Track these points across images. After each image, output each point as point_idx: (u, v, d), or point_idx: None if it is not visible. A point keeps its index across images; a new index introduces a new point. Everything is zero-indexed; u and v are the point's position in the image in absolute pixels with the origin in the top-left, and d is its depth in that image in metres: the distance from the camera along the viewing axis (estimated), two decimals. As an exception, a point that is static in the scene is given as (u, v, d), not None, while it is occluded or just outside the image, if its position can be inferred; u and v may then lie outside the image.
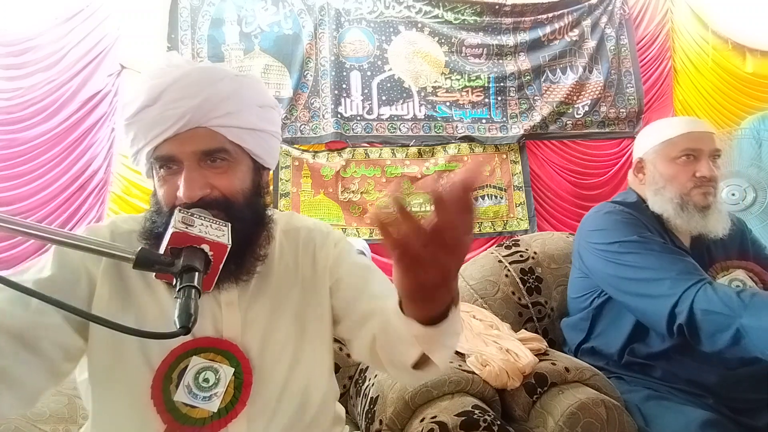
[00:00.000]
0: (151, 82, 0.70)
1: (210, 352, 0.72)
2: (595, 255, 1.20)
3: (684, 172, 1.20)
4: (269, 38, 3.72)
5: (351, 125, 3.78)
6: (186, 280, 0.56)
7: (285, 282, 0.81)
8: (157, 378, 0.69)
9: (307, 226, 0.87)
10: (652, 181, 1.25)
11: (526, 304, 1.45)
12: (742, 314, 0.90)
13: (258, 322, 0.76)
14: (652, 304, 1.04)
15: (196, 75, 0.71)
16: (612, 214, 1.22)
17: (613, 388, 1.07)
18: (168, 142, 0.69)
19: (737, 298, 0.93)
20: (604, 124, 4.18)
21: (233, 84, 0.73)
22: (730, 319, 0.91)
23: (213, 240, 0.60)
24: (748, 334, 0.89)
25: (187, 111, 0.68)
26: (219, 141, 0.71)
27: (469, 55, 4.05)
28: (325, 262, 0.84)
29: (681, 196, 1.20)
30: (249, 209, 0.74)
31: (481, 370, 1.08)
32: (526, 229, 3.88)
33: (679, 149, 1.21)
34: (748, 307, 0.90)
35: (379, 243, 4.00)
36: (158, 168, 0.71)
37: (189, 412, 0.69)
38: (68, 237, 0.55)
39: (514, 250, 1.55)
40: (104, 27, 3.46)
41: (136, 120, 0.70)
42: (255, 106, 0.76)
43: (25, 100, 3.25)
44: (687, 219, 1.19)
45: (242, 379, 0.72)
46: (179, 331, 0.53)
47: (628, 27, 4.31)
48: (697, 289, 0.98)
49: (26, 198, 3.21)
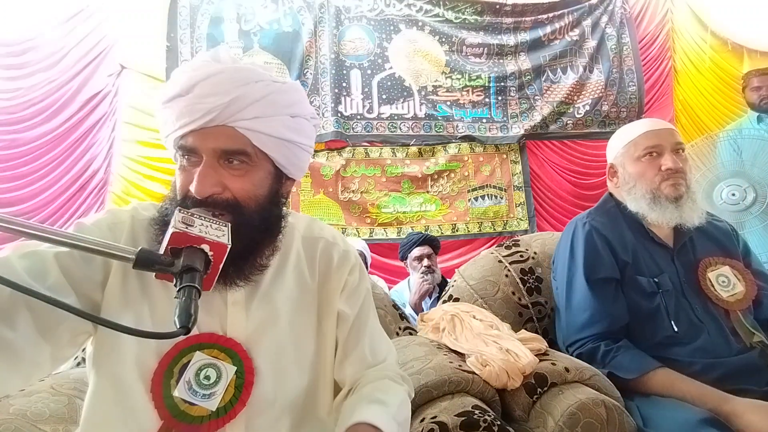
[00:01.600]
0: (190, 72, 0.71)
1: (214, 349, 0.72)
2: (558, 269, 1.36)
3: (650, 168, 1.26)
4: (269, 36, 3.72)
5: (351, 124, 3.78)
6: (186, 280, 0.56)
7: (297, 288, 0.80)
8: (158, 371, 0.69)
9: (326, 238, 0.86)
10: (624, 183, 1.32)
11: (526, 305, 1.45)
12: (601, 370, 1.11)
13: (264, 324, 0.76)
14: (569, 325, 1.26)
15: (231, 74, 0.71)
16: (587, 236, 1.28)
17: (613, 388, 1.07)
18: (193, 134, 0.70)
19: (600, 361, 1.14)
20: (604, 124, 4.18)
21: (267, 89, 0.72)
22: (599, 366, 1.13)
23: (213, 240, 0.60)
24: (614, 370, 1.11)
25: (214, 108, 0.68)
26: (241, 143, 0.70)
27: (470, 54, 4.05)
28: (338, 285, 0.84)
29: (652, 191, 1.26)
30: (259, 216, 0.73)
31: (481, 370, 1.08)
32: (526, 229, 3.89)
33: (641, 148, 1.27)
34: (606, 367, 1.12)
35: (381, 243, 3.99)
36: (181, 156, 0.72)
37: (187, 409, 0.69)
38: (69, 237, 0.55)
39: (514, 250, 1.55)
40: (104, 27, 3.46)
41: (169, 105, 0.71)
42: (286, 115, 0.75)
43: (25, 100, 3.25)
44: (661, 211, 1.24)
45: (243, 379, 0.71)
46: (179, 331, 0.53)
47: (630, 25, 4.31)
48: (585, 341, 1.19)
49: (27, 199, 3.21)
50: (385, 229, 3.75)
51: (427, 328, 1.37)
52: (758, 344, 1.14)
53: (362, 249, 2.81)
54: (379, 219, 3.74)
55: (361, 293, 0.87)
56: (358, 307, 0.85)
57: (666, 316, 1.17)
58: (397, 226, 3.77)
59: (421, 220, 3.79)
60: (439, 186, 3.89)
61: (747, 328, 1.17)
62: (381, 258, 3.59)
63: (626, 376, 1.10)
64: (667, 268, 1.24)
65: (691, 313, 1.18)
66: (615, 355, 1.14)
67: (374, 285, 1.50)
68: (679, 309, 1.18)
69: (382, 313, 1.41)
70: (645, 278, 1.21)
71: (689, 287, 1.22)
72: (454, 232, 3.84)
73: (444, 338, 1.27)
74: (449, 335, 1.26)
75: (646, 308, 1.19)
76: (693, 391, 1.04)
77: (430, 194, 3.86)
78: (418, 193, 3.85)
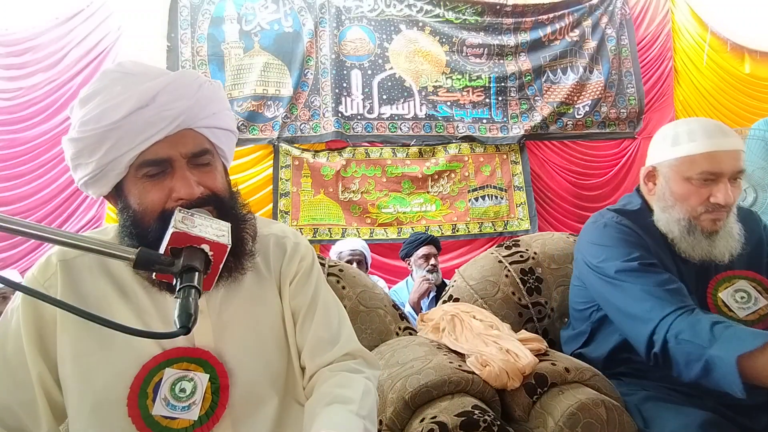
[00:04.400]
0: (136, 87, 0.68)
1: (182, 362, 0.72)
2: (590, 271, 1.17)
3: (697, 195, 1.09)
4: (269, 36, 3.72)
5: (351, 124, 3.78)
6: (186, 280, 0.56)
7: (255, 284, 0.81)
8: (132, 395, 0.69)
9: (275, 233, 0.88)
10: (662, 197, 1.15)
11: (526, 305, 1.45)
12: (712, 345, 0.88)
13: (231, 325, 0.77)
14: (634, 327, 1.04)
15: (185, 78, 0.73)
16: (609, 228, 1.17)
17: (613, 389, 1.07)
18: (157, 144, 0.69)
19: (709, 329, 0.91)
20: (604, 125, 4.18)
21: (211, 87, 0.76)
22: (701, 349, 0.89)
23: (213, 240, 0.60)
24: (717, 367, 0.87)
25: (182, 112, 0.70)
26: (203, 142, 0.74)
27: (470, 54, 4.05)
28: (290, 275, 0.85)
29: (689, 219, 1.11)
30: (234, 207, 0.77)
31: (481, 371, 1.07)
32: (526, 230, 3.88)
33: (697, 170, 1.08)
34: (719, 340, 0.88)
35: (381, 243, 4.00)
36: (140, 176, 0.70)
37: (170, 424, 0.69)
38: (68, 237, 0.55)
39: (515, 250, 1.55)
40: (105, 27, 3.46)
41: (124, 123, 0.67)
42: (227, 109, 0.80)
43: (25, 100, 3.26)
44: (692, 244, 1.11)
45: (219, 383, 0.72)
46: (179, 330, 0.53)
47: (629, 27, 4.31)
48: (676, 316, 0.96)
49: (26, 198, 3.21)
50: (386, 230, 3.75)
51: (427, 328, 1.37)
52: None
53: (362, 249, 2.81)
54: (380, 219, 3.74)
55: (312, 278, 0.87)
56: (311, 293, 0.86)
57: None
58: (397, 227, 3.77)
59: (421, 221, 3.79)
60: (440, 186, 3.89)
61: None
62: (381, 258, 3.59)
63: (749, 348, 0.85)
64: (689, 280, 1.11)
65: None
66: (718, 323, 0.91)
67: (374, 285, 1.50)
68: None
69: (382, 313, 1.41)
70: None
71: (702, 306, 1.08)
72: (455, 232, 3.84)
73: (444, 338, 1.27)
74: (449, 335, 1.26)
75: None
76: None
77: (430, 194, 3.86)
78: (419, 193, 3.85)
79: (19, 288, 0.54)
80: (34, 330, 0.70)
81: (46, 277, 0.73)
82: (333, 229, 3.64)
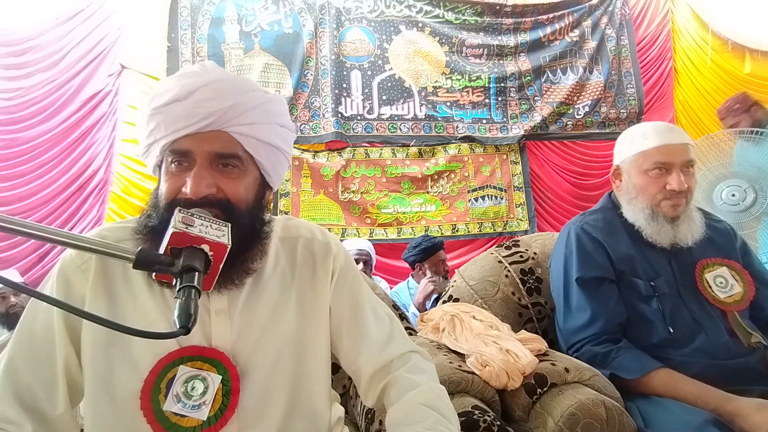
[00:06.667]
0: (186, 80, 0.73)
1: (197, 361, 0.72)
2: (557, 265, 1.35)
3: (655, 184, 1.23)
4: (269, 37, 3.73)
5: (351, 125, 3.78)
6: (186, 280, 0.56)
7: (280, 290, 0.81)
8: (146, 388, 0.70)
9: (303, 235, 0.87)
10: (626, 191, 1.30)
11: (526, 305, 1.45)
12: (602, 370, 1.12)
13: (250, 329, 0.76)
14: (566, 325, 1.26)
15: (231, 81, 0.75)
16: (575, 236, 1.30)
17: (612, 389, 1.07)
18: (187, 138, 0.71)
19: (601, 362, 1.14)
20: (604, 125, 4.18)
21: (262, 98, 0.77)
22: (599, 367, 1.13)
23: (213, 240, 0.60)
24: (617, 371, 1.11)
25: (214, 112, 0.71)
26: (234, 147, 0.73)
27: (470, 55, 4.06)
28: (326, 276, 0.84)
29: (651, 206, 1.24)
30: (248, 219, 0.75)
31: (481, 371, 1.08)
32: (526, 230, 3.89)
33: (651, 162, 1.24)
34: (608, 368, 1.12)
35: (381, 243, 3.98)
36: (170, 162, 0.73)
37: (179, 421, 0.70)
38: (68, 237, 0.55)
39: (514, 250, 1.55)
40: (104, 27, 3.46)
41: (163, 111, 0.72)
42: (276, 124, 0.79)
43: (25, 100, 3.26)
44: (657, 229, 1.24)
45: (230, 386, 0.72)
46: (179, 331, 0.53)
47: (629, 27, 4.31)
48: (598, 340, 1.18)
49: (26, 198, 3.21)
50: (385, 230, 3.75)
51: (427, 328, 1.37)
52: (757, 345, 1.15)
53: (368, 249, 2.81)
54: (380, 219, 3.75)
55: (349, 274, 0.87)
56: (354, 292, 0.86)
57: (662, 320, 1.17)
58: (397, 227, 3.77)
59: (421, 221, 3.80)
60: (439, 186, 3.89)
61: (745, 329, 1.17)
62: (381, 258, 3.59)
63: (628, 376, 1.09)
64: (664, 271, 1.24)
65: (688, 315, 1.18)
66: (616, 356, 1.13)
67: (375, 286, 1.50)
68: (676, 311, 1.18)
69: (382, 314, 1.41)
70: (641, 281, 1.21)
71: (686, 289, 1.22)
72: (454, 232, 3.84)
73: (444, 338, 1.27)
74: (449, 335, 1.26)
75: (643, 311, 1.19)
76: (695, 392, 1.03)
77: (430, 195, 3.86)
78: (418, 193, 3.85)
79: (20, 288, 0.54)
80: (64, 312, 0.71)
81: (84, 259, 0.75)
82: (333, 229, 3.64)
